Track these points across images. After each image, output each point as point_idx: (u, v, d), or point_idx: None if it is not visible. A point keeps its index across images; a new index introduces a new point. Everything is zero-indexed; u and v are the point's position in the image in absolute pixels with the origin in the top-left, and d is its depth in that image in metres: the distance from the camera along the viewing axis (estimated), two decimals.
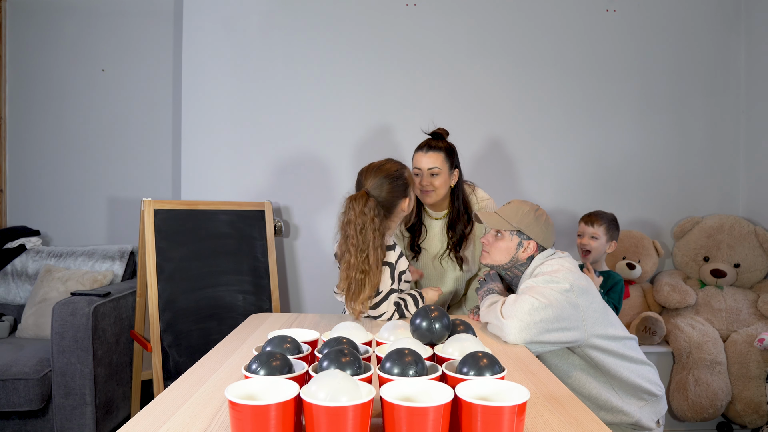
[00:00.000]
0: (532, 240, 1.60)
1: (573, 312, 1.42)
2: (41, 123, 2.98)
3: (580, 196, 2.81)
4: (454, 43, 2.78)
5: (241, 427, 0.71)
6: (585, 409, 0.93)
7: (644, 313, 2.50)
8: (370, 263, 1.52)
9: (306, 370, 0.86)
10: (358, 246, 1.52)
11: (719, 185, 2.84)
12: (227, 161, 2.77)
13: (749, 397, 2.33)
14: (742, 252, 2.59)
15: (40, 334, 2.44)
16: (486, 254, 1.65)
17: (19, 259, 2.72)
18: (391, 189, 1.59)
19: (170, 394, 1.00)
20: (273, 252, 2.55)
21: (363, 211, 1.53)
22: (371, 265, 1.53)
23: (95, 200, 2.99)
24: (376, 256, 1.53)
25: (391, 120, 2.78)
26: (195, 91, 2.76)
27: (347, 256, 1.54)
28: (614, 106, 2.82)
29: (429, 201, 1.91)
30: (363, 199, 1.55)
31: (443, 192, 1.89)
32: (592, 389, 1.52)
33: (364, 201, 1.54)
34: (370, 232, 1.52)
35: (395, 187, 1.60)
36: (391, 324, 1.13)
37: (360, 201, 1.54)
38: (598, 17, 2.81)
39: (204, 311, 2.34)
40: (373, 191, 1.58)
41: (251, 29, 2.76)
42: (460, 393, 0.74)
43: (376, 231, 1.53)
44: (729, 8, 2.82)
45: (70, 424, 2.11)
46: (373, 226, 1.53)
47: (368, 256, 1.52)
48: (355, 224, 1.53)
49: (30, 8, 2.96)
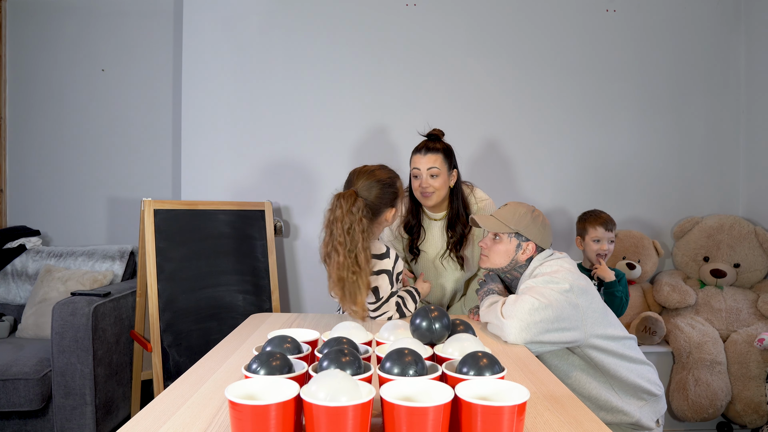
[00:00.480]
0: (530, 241, 1.60)
1: (573, 312, 1.42)
2: (41, 123, 2.98)
3: (580, 196, 2.80)
4: (454, 43, 2.78)
5: (241, 427, 0.71)
6: (585, 409, 0.93)
7: (644, 313, 2.50)
8: (360, 264, 1.46)
9: (306, 370, 0.86)
10: (346, 246, 1.46)
11: (719, 185, 2.84)
12: (227, 161, 2.77)
13: (749, 397, 2.33)
14: (742, 252, 2.59)
15: (40, 334, 2.44)
16: (485, 258, 1.65)
17: (19, 259, 2.72)
18: (380, 194, 1.55)
19: (170, 394, 1.00)
20: (273, 252, 2.55)
21: (351, 210, 1.47)
22: (361, 266, 1.47)
23: (95, 200, 2.99)
24: (366, 256, 1.47)
25: (391, 120, 2.78)
26: (195, 91, 2.76)
27: (335, 255, 1.48)
28: (614, 106, 2.82)
29: (429, 203, 1.90)
30: (352, 198, 1.49)
31: (443, 193, 1.89)
32: (592, 389, 1.52)
33: (352, 200, 1.49)
34: (358, 232, 1.47)
35: (384, 194, 1.57)
36: (391, 324, 1.13)
37: (348, 200, 1.49)
38: (598, 17, 2.81)
39: (204, 311, 2.34)
40: (362, 192, 1.54)
41: (251, 29, 2.76)
42: (460, 393, 0.74)
43: (364, 232, 1.47)
44: (729, 8, 2.82)
45: (70, 424, 2.11)
46: (361, 227, 1.47)
47: (357, 257, 1.46)
48: (342, 223, 1.47)
49: (30, 8, 2.96)
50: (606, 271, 2.02)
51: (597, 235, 2.12)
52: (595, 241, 2.13)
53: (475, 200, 1.98)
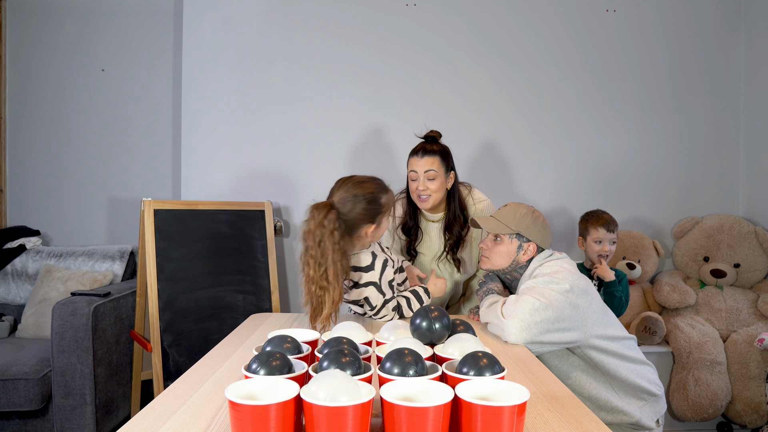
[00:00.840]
0: (531, 242, 1.60)
1: (573, 312, 1.42)
2: (41, 123, 2.98)
3: (580, 196, 2.80)
4: (454, 43, 2.78)
5: (241, 427, 0.71)
6: (585, 409, 0.93)
7: (644, 313, 2.50)
8: (329, 279, 1.39)
9: (306, 370, 0.86)
10: (317, 258, 1.40)
11: (719, 185, 2.84)
12: (227, 161, 2.77)
13: (749, 397, 2.33)
14: (742, 252, 2.59)
15: (40, 334, 2.44)
16: (486, 259, 1.64)
17: (19, 259, 2.72)
18: (355, 210, 1.48)
19: (170, 394, 1.00)
20: (273, 252, 2.55)
21: (322, 223, 1.41)
22: (330, 280, 1.39)
23: (95, 200, 2.99)
24: (336, 270, 1.40)
25: (390, 120, 2.78)
26: (195, 91, 2.76)
27: (306, 268, 1.42)
28: (614, 106, 2.82)
29: (426, 206, 1.89)
30: (325, 209, 1.43)
31: (440, 196, 1.88)
32: (592, 390, 1.52)
33: (325, 212, 1.43)
34: (329, 245, 1.40)
35: (363, 210, 1.49)
36: (391, 324, 1.13)
37: (322, 211, 1.43)
38: (598, 17, 2.81)
39: (204, 311, 2.34)
40: (339, 204, 1.48)
41: (251, 29, 2.76)
42: (460, 393, 0.74)
43: (336, 245, 1.40)
44: (729, 8, 2.82)
45: (70, 424, 2.11)
46: (332, 240, 1.40)
47: (326, 271, 1.39)
48: (314, 235, 1.41)
49: (30, 8, 2.96)
50: (606, 271, 2.02)
51: (598, 236, 2.12)
52: (597, 242, 2.12)
53: (474, 201, 1.97)
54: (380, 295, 1.56)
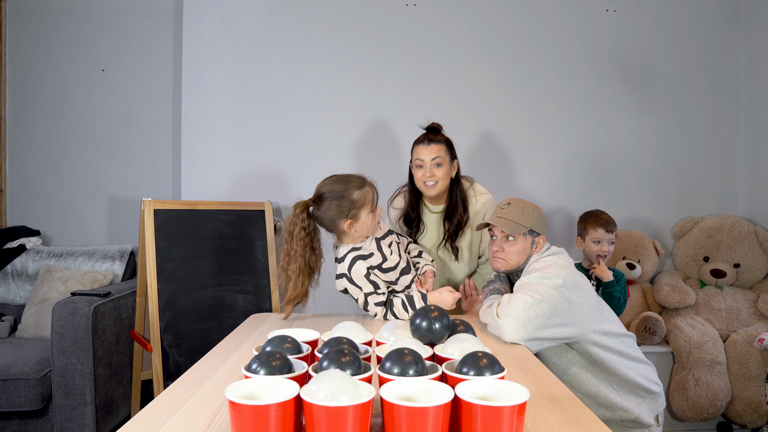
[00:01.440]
0: (541, 235, 1.64)
1: (568, 307, 1.42)
2: (41, 123, 2.98)
3: (579, 196, 2.80)
4: (454, 43, 2.78)
5: (241, 427, 0.71)
6: (585, 409, 0.93)
7: (644, 313, 2.50)
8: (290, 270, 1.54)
9: (306, 370, 0.86)
10: (288, 251, 1.55)
11: (719, 185, 2.84)
12: (227, 161, 2.77)
13: (749, 397, 2.33)
14: (742, 252, 2.59)
15: (40, 334, 2.44)
16: (503, 261, 1.64)
17: (19, 259, 2.72)
18: (327, 206, 1.55)
19: (170, 394, 1.00)
20: (273, 252, 2.55)
21: (294, 221, 1.54)
22: (291, 273, 1.54)
23: (95, 200, 2.99)
24: (298, 265, 1.53)
25: (390, 120, 2.78)
26: (195, 91, 2.76)
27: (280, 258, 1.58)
28: (614, 106, 2.82)
29: (432, 193, 1.92)
30: (300, 207, 1.55)
31: (445, 184, 1.92)
32: (591, 386, 1.52)
33: (300, 209, 1.55)
34: (298, 240, 1.53)
35: (334, 207, 1.55)
36: (391, 324, 1.14)
37: (297, 208, 1.55)
38: (598, 17, 2.80)
39: (204, 311, 2.34)
40: (315, 202, 1.57)
41: (251, 29, 2.76)
42: (460, 393, 0.74)
43: (303, 241, 1.53)
44: (729, 8, 2.82)
45: (70, 424, 2.11)
46: (300, 235, 1.53)
47: (290, 264, 1.54)
48: (289, 230, 1.55)
49: (30, 8, 2.96)
50: (604, 271, 2.02)
51: (597, 236, 2.12)
52: (595, 242, 2.12)
53: (475, 193, 2.01)
54: (356, 288, 1.61)
